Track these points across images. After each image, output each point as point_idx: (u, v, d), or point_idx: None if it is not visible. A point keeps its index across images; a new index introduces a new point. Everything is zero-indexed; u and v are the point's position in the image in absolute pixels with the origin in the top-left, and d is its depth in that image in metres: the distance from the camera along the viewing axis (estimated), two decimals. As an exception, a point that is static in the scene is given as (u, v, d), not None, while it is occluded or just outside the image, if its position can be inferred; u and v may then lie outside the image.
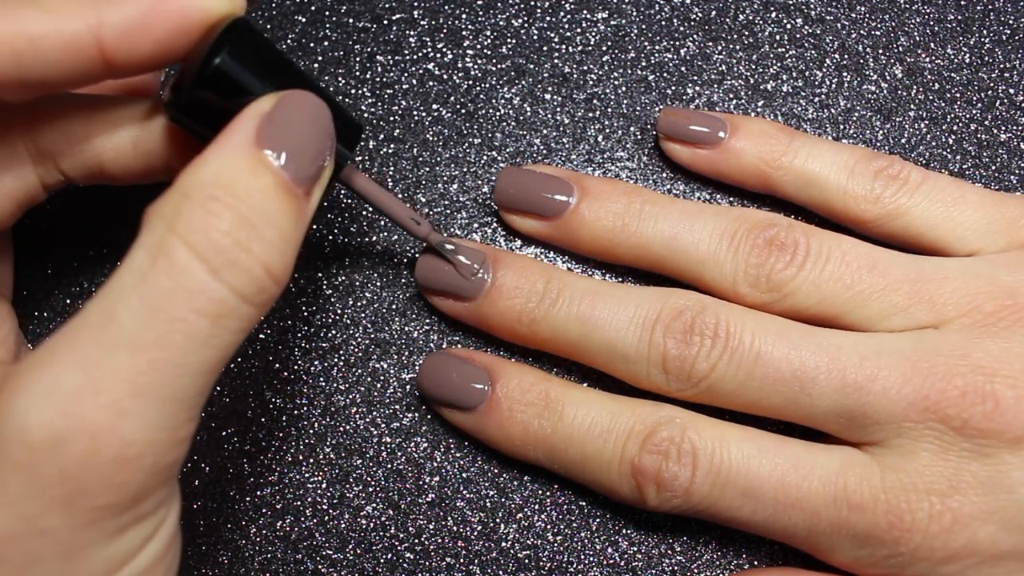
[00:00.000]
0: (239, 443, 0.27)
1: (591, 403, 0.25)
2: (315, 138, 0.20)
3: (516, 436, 0.25)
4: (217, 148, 0.19)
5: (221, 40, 0.20)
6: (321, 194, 0.21)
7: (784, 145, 0.27)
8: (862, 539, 0.23)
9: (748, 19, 0.31)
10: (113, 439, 0.17)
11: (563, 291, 0.26)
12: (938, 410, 0.23)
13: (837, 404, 0.23)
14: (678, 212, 0.26)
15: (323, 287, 0.29)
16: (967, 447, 0.23)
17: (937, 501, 0.22)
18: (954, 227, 0.26)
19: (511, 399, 0.25)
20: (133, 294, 0.18)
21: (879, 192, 0.26)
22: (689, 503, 0.24)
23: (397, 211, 0.25)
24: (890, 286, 0.24)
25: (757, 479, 0.23)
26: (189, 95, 0.20)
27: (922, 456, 0.23)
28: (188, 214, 0.18)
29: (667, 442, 0.24)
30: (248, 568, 0.26)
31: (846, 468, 0.23)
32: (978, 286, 0.24)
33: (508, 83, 0.30)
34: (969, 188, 0.26)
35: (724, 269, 0.26)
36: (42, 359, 0.18)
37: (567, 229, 0.27)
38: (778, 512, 0.23)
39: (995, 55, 0.31)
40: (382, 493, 0.27)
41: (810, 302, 0.25)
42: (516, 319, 0.26)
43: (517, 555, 0.27)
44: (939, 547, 0.22)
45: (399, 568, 0.26)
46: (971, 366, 0.23)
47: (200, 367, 0.18)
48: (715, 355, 0.24)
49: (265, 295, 0.19)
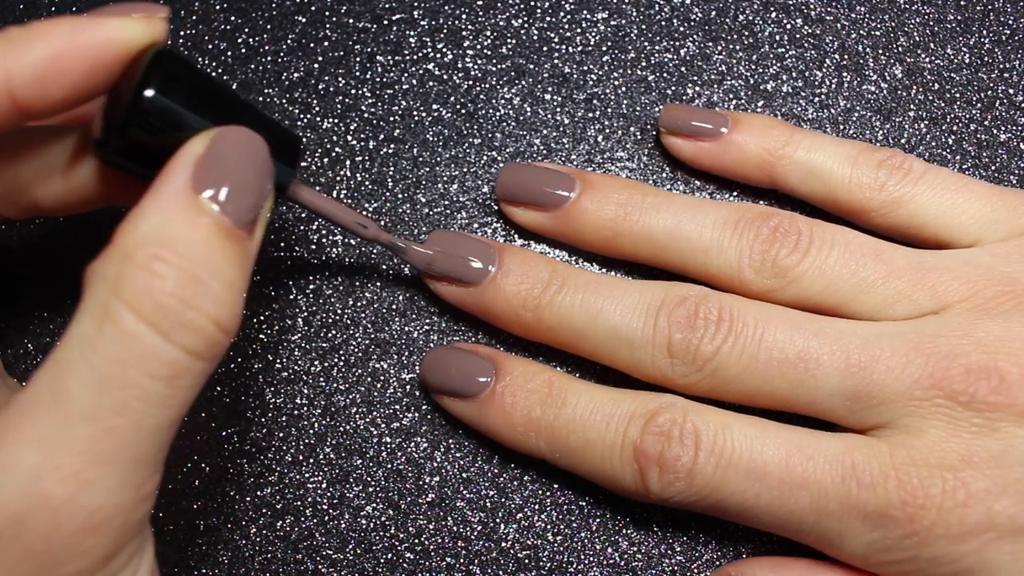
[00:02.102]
0: (239, 443, 0.27)
1: (593, 392, 0.25)
2: (253, 174, 0.20)
3: (518, 423, 0.25)
4: (153, 199, 0.19)
5: (146, 77, 0.19)
6: (265, 227, 0.20)
7: (786, 136, 0.27)
8: (874, 519, 0.23)
9: (748, 19, 0.31)
10: (76, 511, 0.17)
11: (567, 280, 0.26)
12: (944, 386, 0.23)
13: (842, 385, 0.23)
14: (680, 203, 0.26)
15: (323, 287, 0.29)
16: (977, 422, 0.22)
17: (950, 476, 0.22)
18: (958, 215, 0.26)
19: (515, 386, 0.25)
20: (83, 364, 0.17)
21: (884, 180, 0.26)
22: (692, 487, 0.23)
23: (343, 217, 0.24)
24: (894, 273, 0.25)
25: (761, 459, 0.23)
26: (119, 140, 0.20)
27: (931, 433, 0.23)
28: (131, 276, 0.18)
29: (669, 423, 0.24)
30: (248, 568, 0.26)
31: (853, 448, 0.23)
32: (978, 274, 0.24)
33: (508, 83, 0.30)
34: (970, 179, 0.27)
35: (728, 256, 0.25)
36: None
37: (569, 219, 0.27)
38: (784, 494, 0.23)
39: (995, 55, 0.31)
40: (382, 493, 0.27)
41: (815, 288, 0.25)
42: (521, 305, 0.26)
43: (517, 555, 0.27)
44: (955, 523, 0.22)
45: (399, 568, 0.26)
46: (974, 344, 0.23)
47: (159, 426, 0.18)
48: (719, 338, 0.24)
49: (217, 348, 0.19)
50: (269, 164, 0.20)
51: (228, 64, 0.30)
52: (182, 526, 0.27)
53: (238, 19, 0.31)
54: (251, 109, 0.22)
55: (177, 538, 0.27)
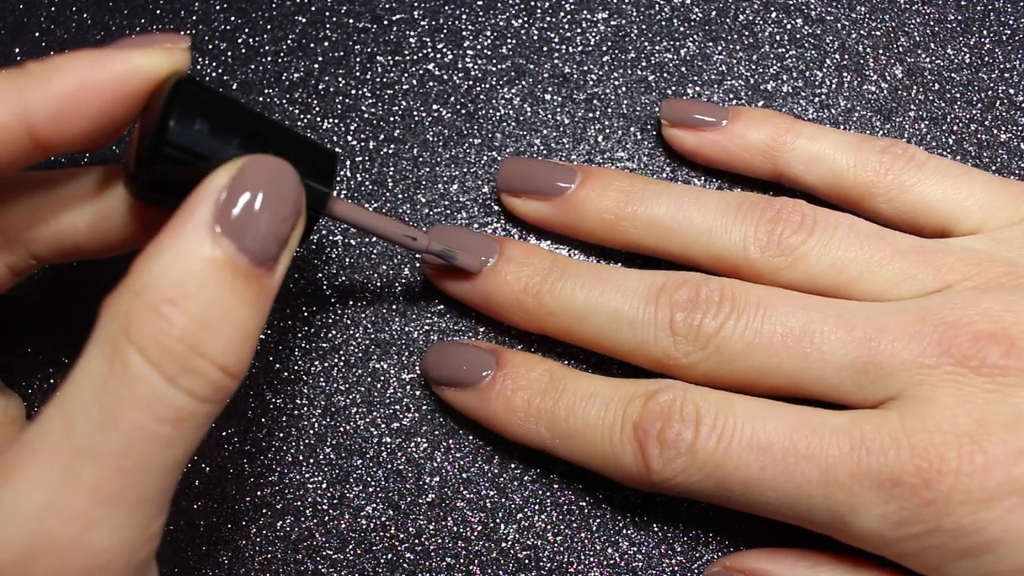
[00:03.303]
0: (239, 443, 0.27)
1: (594, 378, 0.25)
2: (280, 206, 0.19)
3: (519, 410, 0.25)
4: (169, 235, 0.18)
5: (168, 108, 0.19)
6: (292, 255, 0.20)
7: (788, 124, 0.28)
8: (888, 488, 0.21)
9: (748, 19, 0.31)
10: (82, 552, 0.17)
11: (568, 268, 0.26)
12: (953, 353, 0.22)
13: (848, 358, 0.23)
14: (681, 190, 0.27)
15: (323, 287, 0.29)
16: (988, 387, 0.22)
17: (966, 440, 0.21)
18: (961, 200, 0.26)
19: (515, 375, 0.26)
20: (92, 403, 0.17)
21: (888, 164, 0.27)
22: (695, 464, 0.23)
23: (390, 231, 0.24)
24: (898, 253, 0.25)
25: (764, 433, 0.23)
26: (145, 175, 0.19)
27: (943, 399, 0.22)
28: (139, 318, 0.17)
29: (669, 401, 0.23)
30: (248, 568, 0.26)
31: (861, 419, 0.22)
32: (980, 257, 0.24)
33: (508, 83, 0.30)
34: (972, 168, 0.27)
35: (733, 236, 0.25)
36: (3, 476, 0.17)
37: (570, 207, 0.27)
38: (790, 467, 0.22)
39: (995, 55, 0.31)
40: (382, 493, 0.27)
41: (821, 267, 0.25)
42: (522, 290, 0.26)
43: (517, 555, 0.26)
44: (976, 488, 0.21)
45: (399, 568, 0.26)
46: (980, 313, 0.23)
47: (165, 467, 0.18)
48: (722, 316, 0.24)
49: (224, 393, 0.19)
50: (297, 193, 0.19)
51: (228, 64, 0.30)
52: (182, 526, 0.27)
53: (238, 19, 0.31)
54: (281, 131, 0.21)
55: (177, 538, 0.27)
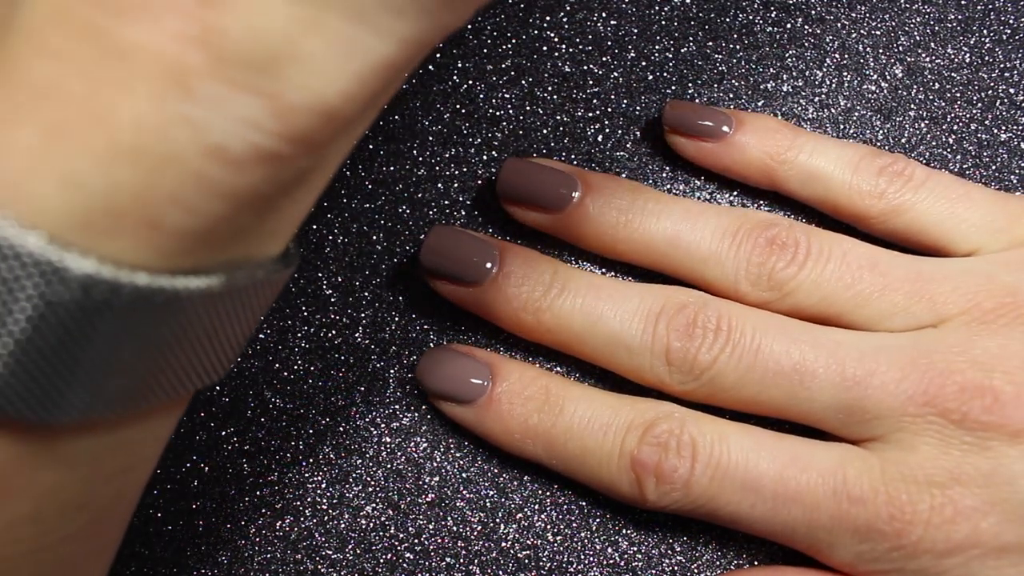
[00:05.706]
0: (239, 443, 0.27)
1: (591, 398, 0.25)
2: None
3: (515, 430, 0.25)
4: None
5: None
6: None
7: (789, 140, 0.27)
8: (863, 533, 0.23)
9: (748, 19, 0.31)
10: None
11: (568, 283, 0.26)
12: (937, 404, 0.23)
13: (836, 399, 0.24)
14: (681, 210, 0.27)
15: (323, 287, 0.29)
16: (968, 440, 0.23)
17: (938, 493, 0.22)
18: (958, 223, 0.26)
19: (511, 392, 0.25)
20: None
21: (884, 187, 0.26)
22: (688, 497, 0.24)
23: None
24: (891, 285, 0.25)
25: (756, 472, 0.23)
26: None
27: (922, 449, 0.23)
28: None
29: (666, 434, 0.24)
30: (248, 568, 0.26)
31: (845, 462, 0.23)
32: (978, 284, 0.24)
33: (508, 83, 0.30)
34: (972, 186, 0.27)
35: (725, 268, 0.26)
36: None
37: (570, 223, 0.27)
38: (778, 506, 0.23)
39: (995, 55, 0.31)
40: (382, 493, 0.27)
41: (811, 301, 0.25)
42: (521, 307, 0.26)
43: (517, 555, 0.26)
44: (941, 539, 0.22)
45: (399, 568, 0.26)
46: (969, 362, 0.23)
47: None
48: (717, 348, 0.24)
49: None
50: None
51: (228, 64, 0.30)
52: (182, 526, 0.27)
53: (238, 19, 0.31)
54: None
55: (177, 538, 0.27)
